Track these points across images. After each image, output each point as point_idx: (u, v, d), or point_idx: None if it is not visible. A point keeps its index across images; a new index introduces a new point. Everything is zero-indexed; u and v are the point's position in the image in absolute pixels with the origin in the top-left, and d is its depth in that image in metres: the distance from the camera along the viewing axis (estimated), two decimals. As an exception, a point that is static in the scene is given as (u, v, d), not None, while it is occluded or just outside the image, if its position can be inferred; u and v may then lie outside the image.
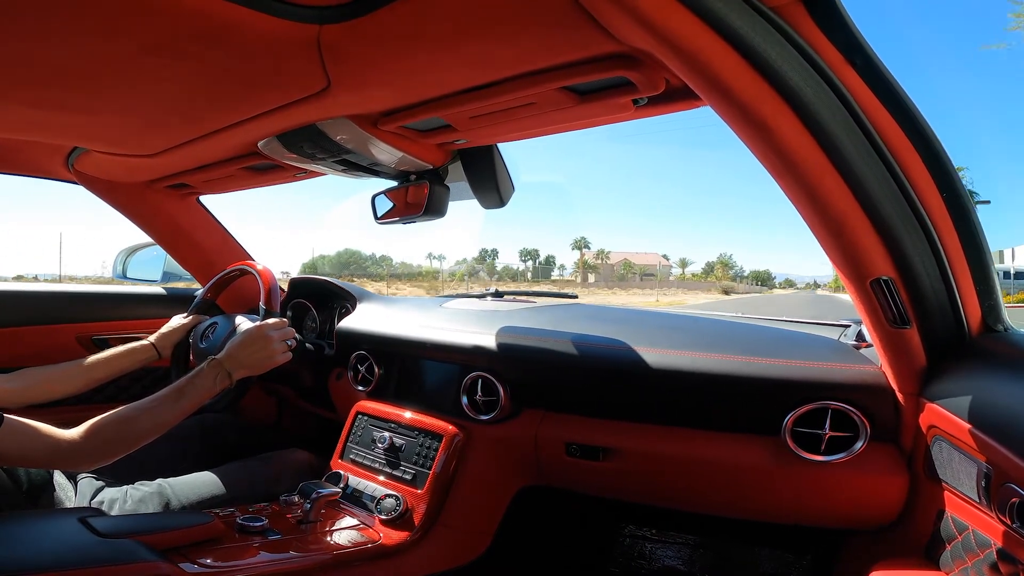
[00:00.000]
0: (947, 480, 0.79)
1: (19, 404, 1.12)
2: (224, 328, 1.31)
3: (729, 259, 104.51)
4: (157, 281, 1.87)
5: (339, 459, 1.34)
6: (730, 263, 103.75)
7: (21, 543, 0.77)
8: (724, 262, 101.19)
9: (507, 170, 1.17)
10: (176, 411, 0.99)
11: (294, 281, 1.79)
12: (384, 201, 1.27)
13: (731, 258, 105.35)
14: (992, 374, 0.75)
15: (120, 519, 0.96)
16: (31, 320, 1.58)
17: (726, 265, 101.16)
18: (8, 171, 1.52)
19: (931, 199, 0.73)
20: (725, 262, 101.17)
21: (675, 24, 0.58)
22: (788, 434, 0.93)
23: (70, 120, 1.03)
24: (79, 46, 0.74)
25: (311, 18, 0.72)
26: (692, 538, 1.46)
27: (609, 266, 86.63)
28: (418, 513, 1.14)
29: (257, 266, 1.35)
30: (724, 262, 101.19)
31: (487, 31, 0.70)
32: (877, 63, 0.64)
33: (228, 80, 0.86)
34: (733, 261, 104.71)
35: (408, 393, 1.37)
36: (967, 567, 0.72)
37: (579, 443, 1.10)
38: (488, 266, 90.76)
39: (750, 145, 0.70)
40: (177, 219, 1.67)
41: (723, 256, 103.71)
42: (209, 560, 0.89)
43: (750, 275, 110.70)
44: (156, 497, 1.11)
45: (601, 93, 0.82)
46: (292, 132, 1.03)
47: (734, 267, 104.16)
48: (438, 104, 0.89)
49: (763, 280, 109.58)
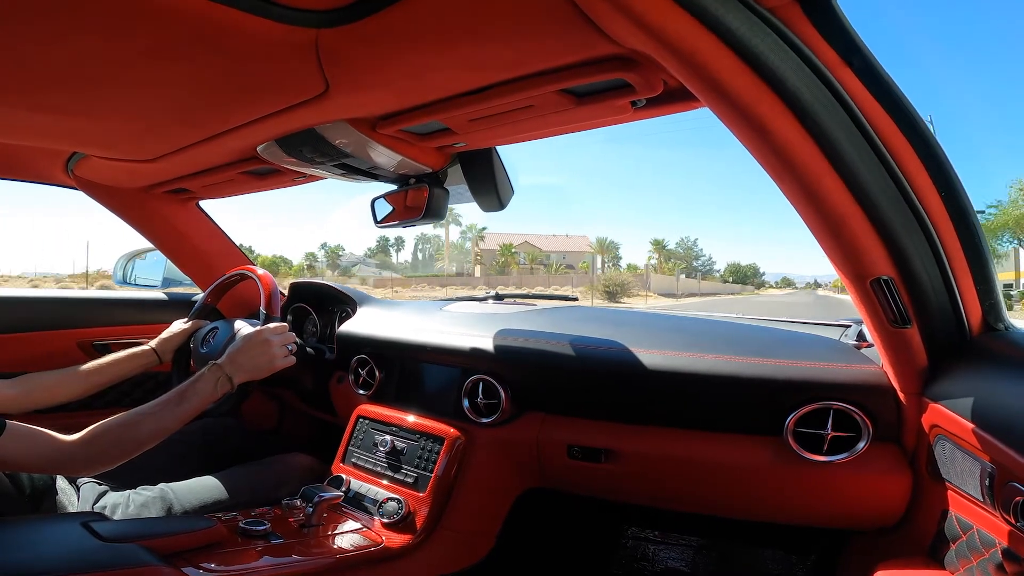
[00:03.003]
0: (950, 480, 0.79)
1: (20, 410, 1.12)
2: (225, 333, 1.31)
3: (691, 245, 79.29)
4: (157, 286, 1.88)
5: (341, 463, 1.34)
6: (691, 251, 78.86)
7: (24, 548, 0.77)
8: (659, 243, 71.81)
9: (506, 173, 1.17)
10: (177, 416, 0.99)
11: (294, 285, 1.79)
12: (384, 205, 1.27)
13: (694, 243, 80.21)
14: (994, 373, 0.75)
15: (123, 523, 0.96)
16: (32, 325, 1.58)
17: (662, 249, 71.38)
18: (7, 176, 1.52)
19: (930, 198, 0.73)
20: (660, 242, 71.82)
21: (672, 26, 0.59)
22: (790, 434, 0.92)
23: (69, 125, 1.03)
24: (78, 50, 0.74)
25: (309, 22, 0.72)
26: (695, 539, 1.46)
27: (491, 252, 62.44)
28: (420, 516, 1.14)
29: (257, 271, 1.35)
30: (659, 243, 71.81)
31: (485, 34, 0.70)
32: (874, 63, 0.64)
33: (227, 84, 0.86)
34: (697, 249, 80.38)
35: (409, 396, 1.37)
36: (972, 566, 0.72)
37: (581, 445, 1.10)
38: (330, 255, 71.14)
39: (748, 146, 0.70)
40: (177, 224, 1.67)
41: (684, 241, 79.43)
42: (212, 564, 0.89)
43: (726, 270, 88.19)
44: (158, 502, 1.11)
45: (599, 95, 0.82)
46: (291, 136, 1.03)
47: (699, 256, 79.94)
48: (437, 107, 0.90)
49: (742, 277, 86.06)
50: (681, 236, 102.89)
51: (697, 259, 79.28)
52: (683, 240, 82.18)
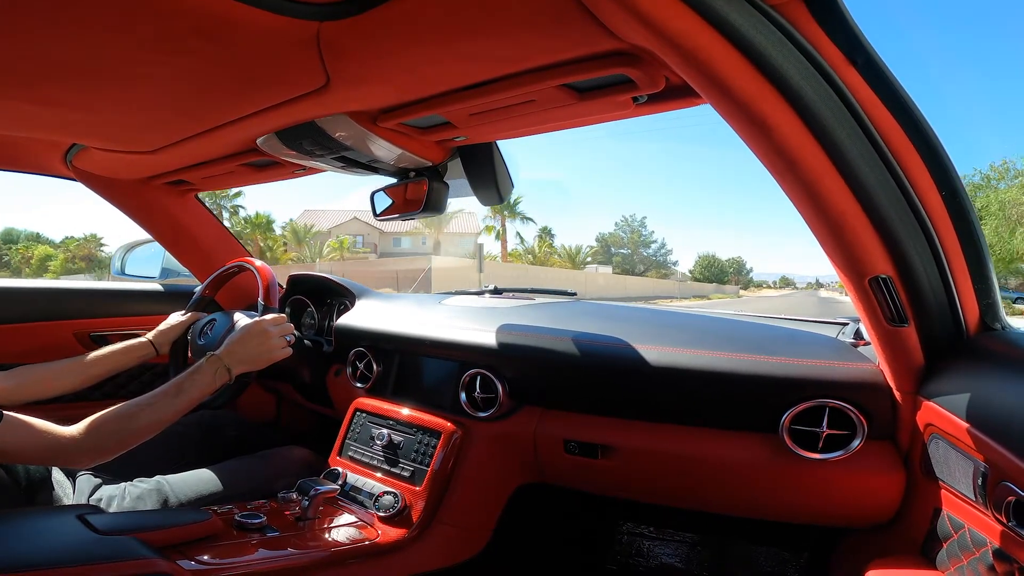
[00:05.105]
0: (944, 478, 0.79)
1: (17, 401, 1.11)
2: (223, 324, 1.31)
3: (638, 226, 52.72)
4: (155, 278, 1.87)
5: (337, 456, 1.34)
6: (638, 234, 52.69)
7: (19, 540, 0.77)
8: (544, 233, 40.03)
9: (506, 167, 1.17)
10: (175, 407, 0.99)
11: (292, 278, 1.79)
12: (383, 198, 1.27)
13: (642, 223, 53.31)
14: (990, 373, 0.76)
15: (118, 516, 0.96)
16: (28, 316, 1.58)
17: (549, 234, 39.52)
18: (6, 167, 1.52)
19: (930, 198, 0.73)
20: (546, 234, 40.22)
21: (675, 22, 0.58)
22: (786, 432, 0.93)
23: (68, 116, 1.03)
24: (78, 42, 0.74)
25: (311, 15, 0.72)
26: (690, 535, 1.47)
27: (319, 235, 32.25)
28: (416, 510, 1.14)
29: (255, 263, 1.35)
30: (544, 233, 40.03)
31: (487, 28, 0.70)
32: (878, 62, 0.64)
33: (227, 77, 0.86)
34: (648, 235, 53.45)
35: (406, 390, 1.37)
36: (963, 565, 0.72)
37: (578, 440, 1.11)
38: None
39: (750, 143, 0.70)
40: (176, 216, 1.67)
41: (628, 221, 53.21)
42: (207, 557, 0.90)
43: (698, 263, 62.60)
44: (154, 494, 1.11)
45: (601, 91, 0.82)
46: (291, 129, 1.03)
47: (648, 243, 53.21)
48: (437, 101, 0.89)
49: (718, 275, 61.34)
50: (622, 215, 72.92)
51: (646, 246, 53.23)
52: (626, 220, 53.91)
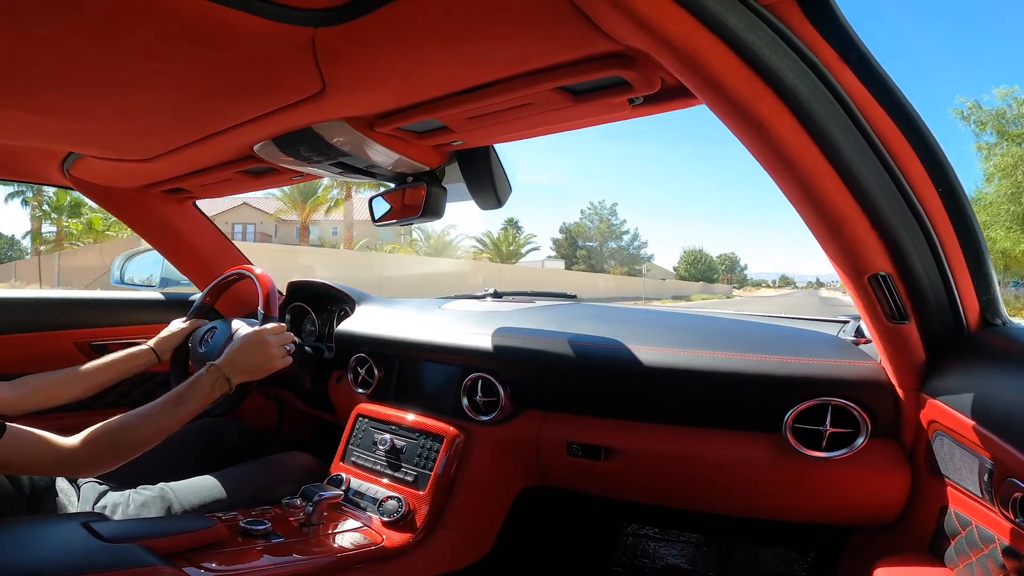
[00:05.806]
0: (949, 475, 0.79)
1: (19, 411, 1.12)
2: (223, 333, 1.31)
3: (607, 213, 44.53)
4: (155, 286, 1.87)
5: (340, 462, 1.34)
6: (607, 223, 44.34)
7: (24, 548, 0.77)
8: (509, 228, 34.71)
9: (504, 171, 1.17)
10: (176, 417, 0.99)
11: (292, 285, 1.79)
12: (382, 203, 1.27)
13: (612, 210, 44.99)
14: (992, 369, 0.76)
15: (123, 523, 0.96)
16: (29, 326, 1.58)
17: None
18: (3, 176, 1.52)
19: (927, 194, 0.73)
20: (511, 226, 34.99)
21: (670, 23, 0.58)
22: (789, 431, 0.93)
23: (65, 125, 1.03)
24: (73, 50, 0.74)
25: (306, 20, 0.72)
26: (695, 536, 1.46)
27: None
28: (420, 515, 1.14)
29: (255, 270, 1.35)
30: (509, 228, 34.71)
31: (482, 32, 0.70)
32: (871, 60, 0.64)
33: (223, 84, 0.86)
34: (619, 224, 45.12)
35: (408, 395, 1.37)
36: (972, 562, 0.72)
37: (580, 443, 1.10)
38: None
39: (746, 143, 0.70)
40: (174, 224, 1.67)
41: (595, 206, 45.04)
42: (213, 564, 0.89)
43: (683, 259, 55.79)
44: (159, 501, 1.11)
45: (597, 93, 0.82)
46: (288, 135, 1.03)
47: (622, 236, 45.13)
48: (434, 106, 0.89)
49: (706, 272, 54.96)
50: (590, 202, 65.38)
51: (617, 237, 45.54)
52: (593, 207, 45.83)
